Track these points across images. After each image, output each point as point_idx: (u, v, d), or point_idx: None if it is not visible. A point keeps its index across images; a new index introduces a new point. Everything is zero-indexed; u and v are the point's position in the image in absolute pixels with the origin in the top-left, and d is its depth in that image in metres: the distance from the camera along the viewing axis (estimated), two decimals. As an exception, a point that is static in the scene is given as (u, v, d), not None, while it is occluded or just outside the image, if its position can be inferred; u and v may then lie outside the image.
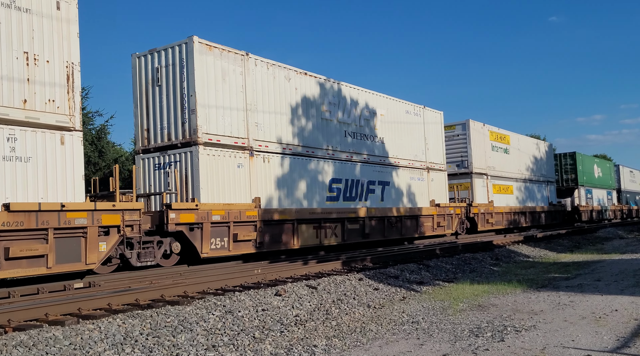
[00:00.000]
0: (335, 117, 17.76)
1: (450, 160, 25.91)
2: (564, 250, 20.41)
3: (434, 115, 23.45)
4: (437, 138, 23.46)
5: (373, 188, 18.95)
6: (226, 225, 13.36)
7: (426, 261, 14.11)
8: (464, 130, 26.35)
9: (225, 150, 13.81)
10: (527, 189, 31.39)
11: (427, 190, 21.98)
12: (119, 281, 10.38)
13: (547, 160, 35.52)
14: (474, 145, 26.27)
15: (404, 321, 7.86)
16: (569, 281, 11.50)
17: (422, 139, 22.24)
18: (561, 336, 6.58)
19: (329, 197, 17.01)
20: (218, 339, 6.70)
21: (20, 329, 6.49)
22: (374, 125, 19.41)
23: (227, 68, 14.09)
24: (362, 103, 19.01)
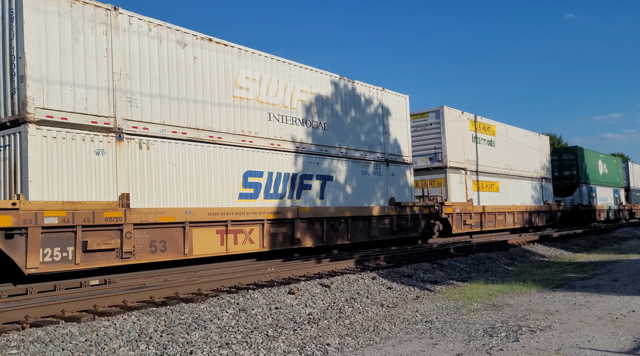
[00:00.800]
0: (255, 95, 14.14)
1: (420, 153, 22.91)
2: (580, 249, 20.18)
3: (396, 99, 19.64)
4: (400, 126, 19.73)
5: (309, 184, 15.48)
6: (71, 231, 9.87)
7: (440, 260, 14.04)
8: (437, 118, 22.78)
9: (75, 131, 10.38)
10: (517, 186, 28.20)
11: (385, 186, 18.50)
12: (133, 278, 10.47)
13: (542, 154, 32.18)
14: (450, 135, 22.74)
15: (417, 321, 7.83)
16: (585, 281, 11.37)
17: (380, 126, 18.61)
18: (577, 337, 6.51)
19: (243, 194, 13.49)
20: (232, 337, 6.73)
21: (37, 325, 6.58)
22: (312, 109, 15.81)
23: (82, 25, 10.70)
24: (284, 79, 15.11)
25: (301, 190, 15.22)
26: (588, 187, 36.82)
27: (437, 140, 22.74)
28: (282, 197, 14.61)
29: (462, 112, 23.94)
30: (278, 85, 14.88)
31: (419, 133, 23.06)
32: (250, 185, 13.71)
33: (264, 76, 14.49)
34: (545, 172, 32.08)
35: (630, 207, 47.19)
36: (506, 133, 27.87)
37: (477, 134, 24.96)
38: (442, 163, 22.64)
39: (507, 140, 27.88)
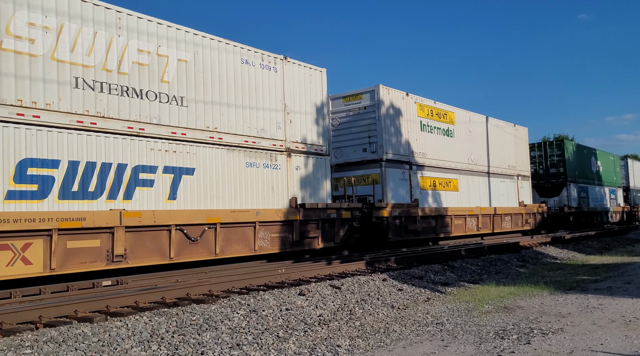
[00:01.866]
0: (47, 50, 10.14)
1: (354, 143, 19.15)
2: (593, 252, 19.99)
3: (306, 73, 15.48)
4: (314, 107, 15.73)
5: (149, 179, 11.50)
6: None
7: (451, 262, 13.99)
8: (372, 100, 18.77)
9: None
10: (484, 185, 24.26)
11: (285, 183, 14.39)
12: (146, 279, 10.55)
13: (519, 148, 27.90)
14: (388, 121, 18.80)
15: (428, 323, 7.81)
16: (598, 283, 11.27)
17: (280, 105, 14.51)
18: (589, 340, 6.46)
19: (15, 193, 9.52)
20: (242, 338, 6.76)
21: (50, 325, 6.65)
22: (160, 76, 11.89)
23: None
24: (108, 32, 11.12)
25: (133, 188, 11.18)
26: (578, 187, 32.93)
27: (372, 127, 18.73)
28: (96, 196, 10.59)
29: (406, 93, 19.92)
30: (95, 40, 10.80)
31: (352, 119, 19.27)
32: (32, 180, 9.71)
33: (66, 24, 10.38)
34: (523, 169, 28.11)
35: (630, 209, 42.93)
36: (469, 122, 23.64)
37: (429, 122, 20.97)
38: (377, 156, 18.51)
39: (471, 131, 23.63)
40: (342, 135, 19.54)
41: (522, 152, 28.42)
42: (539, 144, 33.29)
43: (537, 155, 32.77)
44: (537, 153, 32.73)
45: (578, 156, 33.84)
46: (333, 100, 19.72)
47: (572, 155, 32.86)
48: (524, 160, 28.37)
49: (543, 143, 33.31)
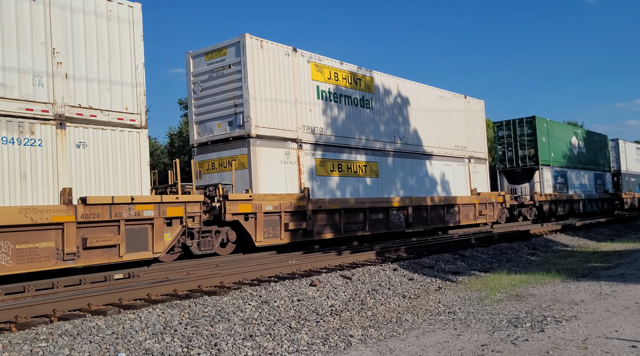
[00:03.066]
0: None
1: (219, 115, 14.82)
2: (604, 238, 19.88)
3: (101, 5, 10.88)
4: (111, 57, 10.91)
5: None
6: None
7: (461, 251, 13.95)
8: (238, 56, 14.33)
9: None
10: (419, 170, 19.93)
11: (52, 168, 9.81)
12: (157, 272, 10.60)
13: (472, 126, 23.26)
14: (262, 84, 14.44)
15: (440, 312, 7.80)
16: (611, 270, 11.20)
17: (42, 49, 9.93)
18: (604, 327, 6.42)
19: None
20: (255, 329, 6.78)
21: (64, 318, 6.70)
22: None
23: None
24: None
25: None
26: (553, 171, 29.08)
27: (237, 92, 14.33)
28: None
29: (293, 49, 15.47)
30: None
31: (215, 82, 14.92)
32: None
33: None
34: (478, 150, 23.65)
35: (623, 195, 38.70)
36: (397, 91, 19.09)
37: (332, 88, 16.37)
38: (244, 131, 14.16)
39: (401, 101, 19.31)
40: (205, 105, 15.19)
41: (477, 130, 23.79)
42: (507, 123, 29.33)
43: (506, 135, 29.07)
44: (505, 133, 29.11)
45: (554, 136, 29.77)
46: (195, 58, 15.50)
47: (546, 135, 28.85)
48: (478, 140, 23.79)
49: (512, 122, 29.07)
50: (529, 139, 28.53)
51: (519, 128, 28.81)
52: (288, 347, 6.13)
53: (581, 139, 33.86)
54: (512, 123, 29.16)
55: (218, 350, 5.93)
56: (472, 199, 22.24)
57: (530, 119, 28.68)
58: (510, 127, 29.12)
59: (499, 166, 29.57)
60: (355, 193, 17.04)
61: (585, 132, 35.56)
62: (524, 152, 28.51)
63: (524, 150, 28.52)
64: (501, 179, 29.00)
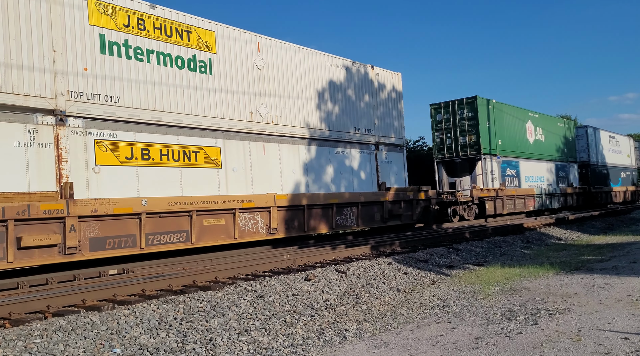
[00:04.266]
0: None
1: None
2: (597, 232, 20.01)
3: None
4: None
5: None
6: None
7: (455, 244, 14.00)
8: None
9: None
10: (294, 157, 15.30)
11: None
12: (151, 267, 10.58)
13: (382, 103, 18.67)
14: None
15: (434, 305, 7.83)
16: (603, 263, 11.28)
17: None
18: (597, 319, 6.47)
19: None
20: (250, 323, 6.79)
21: (59, 314, 6.68)
22: None
23: None
24: None
25: None
26: (500, 161, 25.20)
27: None
28: None
29: None
30: None
31: None
32: None
33: None
34: (392, 135, 19.03)
35: (590, 190, 33.91)
36: (258, 52, 14.60)
37: (132, 40, 11.93)
38: None
39: (263, 66, 14.66)
40: None
41: (390, 110, 19.19)
42: (445, 104, 24.97)
43: (444, 119, 24.87)
44: (443, 116, 24.91)
45: (502, 120, 25.65)
46: None
47: (491, 119, 24.67)
48: (392, 123, 19.19)
49: (451, 104, 24.76)
50: (469, 124, 24.14)
51: (459, 110, 24.39)
52: (283, 341, 6.14)
53: (540, 125, 29.21)
54: (452, 105, 24.76)
55: (213, 345, 5.94)
56: (377, 196, 17.56)
57: (471, 100, 24.12)
58: (449, 110, 24.75)
59: (437, 156, 25.37)
60: (177, 191, 12.41)
61: (545, 117, 30.59)
62: (464, 139, 24.19)
63: (464, 136, 24.17)
64: (440, 172, 25.27)
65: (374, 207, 17.50)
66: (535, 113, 29.17)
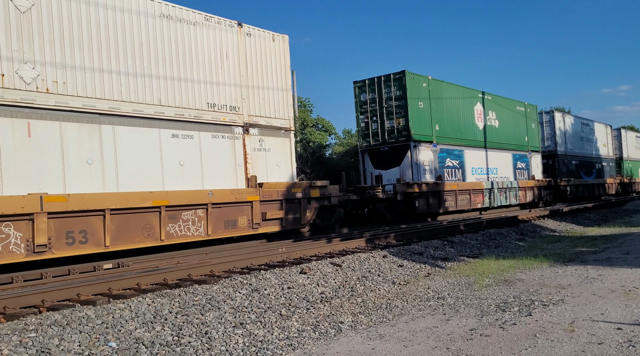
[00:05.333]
0: None
1: None
2: (591, 223, 20.12)
3: None
4: None
5: None
6: None
7: (450, 237, 14.05)
8: None
9: None
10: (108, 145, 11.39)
11: None
12: (147, 261, 10.57)
13: (257, 74, 14.73)
14: None
15: (429, 297, 7.86)
16: (597, 254, 11.35)
17: None
18: (590, 310, 6.51)
19: None
20: (246, 317, 6.80)
21: (53, 309, 6.67)
22: None
23: None
24: None
25: None
26: (438, 150, 21.52)
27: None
28: None
29: None
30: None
31: None
32: None
33: None
34: (273, 115, 15.18)
35: (555, 183, 30.31)
36: None
37: None
38: None
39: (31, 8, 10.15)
40: None
41: (269, 81, 15.19)
42: (371, 82, 21.09)
43: (370, 99, 21.08)
44: (369, 96, 21.09)
45: (440, 101, 21.92)
46: None
47: (424, 99, 20.93)
48: (272, 98, 15.21)
49: (377, 81, 20.86)
50: (397, 105, 20.29)
51: (386, 89, 20.54)
52: (279, 334, 6.16)
53: (493, 109, 25.61)
54: (377, 83, 20.89)
55: (209, 338, 5.95)
56: (240, 194, 13.42)
57: (399, 75, 20.30)
58: (375, 88, 20.92)
59: (362, 144, 21.67)
60: None
61: (500, 99, 26.72)
62: (391, 123, 20.29)
63: (391, 120, 20.30)
64: (365, 162, 21.59)
65: (235, 209, 13.39)
66: (488, 95, 25.26)
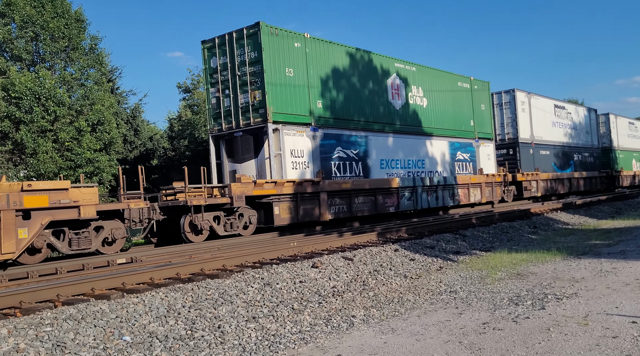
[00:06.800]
0: None
1: None
2: (605, 216, 19.92)
3: None
4: None
5: None
6: None
7: (462, 231, 13.99)
8: None
9: None
10: None
11: None
12: (159, 256, 10.65)
13: None
14: None
15: (441, 291, 7.84)
16: (611, 247, 11.24)
17: None
18: (604, 303, 6.46)
19: None
20: (258, 311, 6.83)
21: (68, 303, 6.74)
22: None
23: None
24: None
25: None
26: (319, 136, 15.97)
27: None
28: None
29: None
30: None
31: None
32: None
33: None
34: None
35: (514, 178, 24.64)
36: None
37: None
38: None
39: None
40: None
41: None
42: (222, 41, 15.45)
43: (221, 65, 15.38)
44: (220, 61, 15.38)
45: (325, 69, 16.34)
46: None
47: (293, 64, 15.32)
48: None
49: (228, 39, 15.23)
50: (253, 72, 14.73)
51: (239, 50, 15.04)
52: (291, 328, 6.18)
53: (418, 83, 20.01)
54: (230, 42, 15.25)
55: (222, 332, 5.99)
56: None
57: (254, 30, 14.77)
58: (227, 50, 15.30)
59: (213, 127, 15.99)
60: None
61: (432, 72, 21.03)
62: (246, 97, 14.80)
63: (246, 94, 14.81)
64: (219, 152, 16.15)
65: None
66: (410, 64, 19.75)
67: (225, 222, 13.67)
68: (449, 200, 21.10)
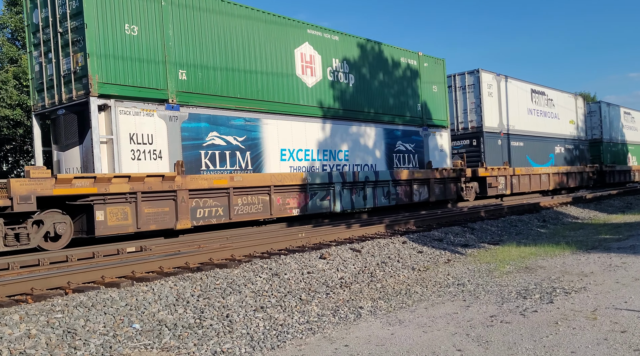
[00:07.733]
0: None
1: None
2: (615, 211, 19.78)
3: None
4: None
5: None
6: None
7: (470, 224, 13.96)
8: None
9: None
10: None
11: None
12: (168, 245, 10.72)
13: None
14: None
15: (449, 284, 7.85)
16: (621, 242, 11.17)
17: None
18: (613, 298, 6.44)
19: None
20: (266, 301, 6.87)
21: (79, 291, 6.82)
22: None
23: None
24: None
25: None
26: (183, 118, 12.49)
27: None
28: None
29: None
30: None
31: None
32: None
33: None
34: None
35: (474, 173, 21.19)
36: None
37: None
38: None
39: None
40: None
41: None
42: None
43: (43, 20, 12.09)
44: (41, 15, 12.10)
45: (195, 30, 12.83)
46: None
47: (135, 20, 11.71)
48: None
49: None
50: (74, 27, 11.37)
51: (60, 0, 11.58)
52: (299, 318, 6.22)
53: (342, 56, 16.70)
54: None
55: (230, 321, 6.03)
56: None
57: None
58: (48, 1, 11.90)
59: (36, 102, 12.63)
60: None
61: (362, 42, 17.48)
62: (68, 62, 11.54)
63: (68, 57, 11.54)
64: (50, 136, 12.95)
65: None
66: (331, 33, 16.48)
67: (6, 232, 9.94)
68: (382, 199, 17.64)
